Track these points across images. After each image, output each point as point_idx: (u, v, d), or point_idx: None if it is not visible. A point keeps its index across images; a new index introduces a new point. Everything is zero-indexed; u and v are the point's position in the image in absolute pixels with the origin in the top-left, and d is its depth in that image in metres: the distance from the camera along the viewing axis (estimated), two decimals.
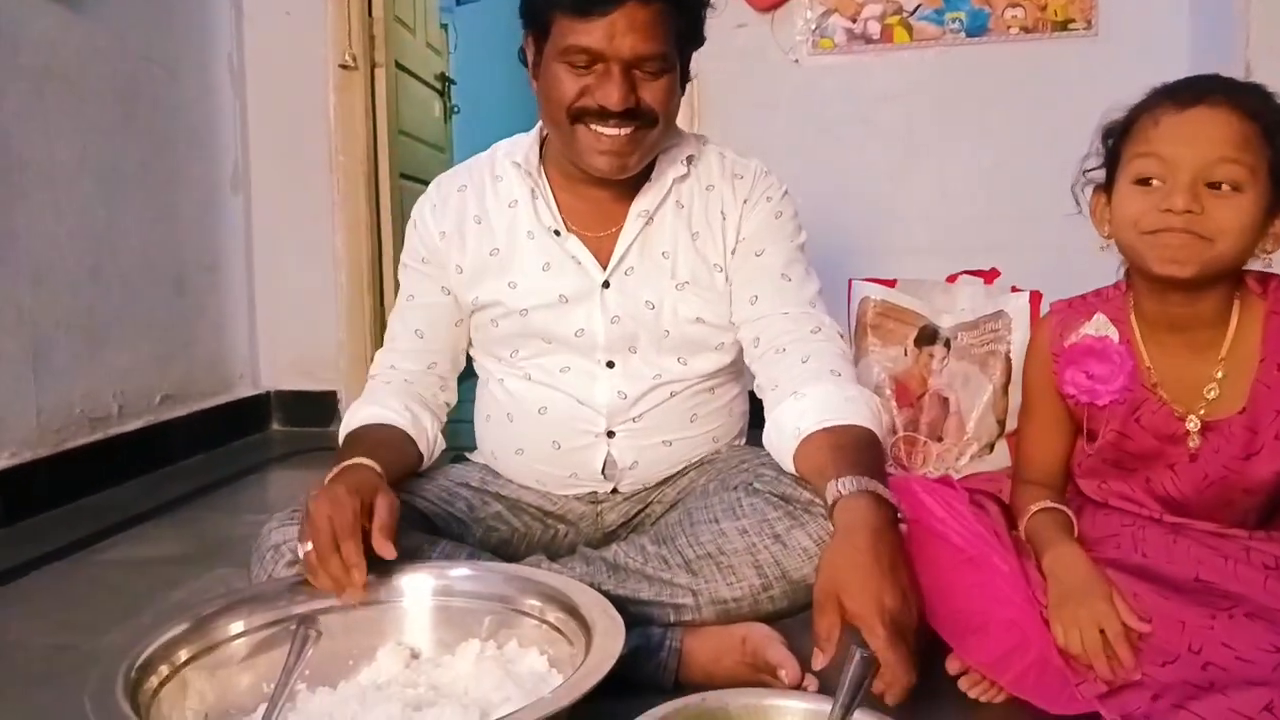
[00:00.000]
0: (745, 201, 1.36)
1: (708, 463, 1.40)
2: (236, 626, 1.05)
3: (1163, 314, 1.14)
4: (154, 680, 0.94)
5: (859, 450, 1.13)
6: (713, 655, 1.16)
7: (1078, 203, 1.19)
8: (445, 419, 1.44)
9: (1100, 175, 1.16)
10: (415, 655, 1.11)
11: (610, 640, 0.94)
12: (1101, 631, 1.04)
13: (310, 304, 3.15)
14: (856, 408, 1.18)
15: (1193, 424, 1.13)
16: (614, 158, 1.24)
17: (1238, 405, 1.11)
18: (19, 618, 1.57)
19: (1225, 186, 1.03)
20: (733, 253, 1.36)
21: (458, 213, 1.38)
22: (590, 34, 1.18)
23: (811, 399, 1.20)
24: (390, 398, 1.34)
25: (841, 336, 1.34)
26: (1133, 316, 1.17)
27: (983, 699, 1.14)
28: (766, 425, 1.26)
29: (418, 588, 1.13)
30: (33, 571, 1.78)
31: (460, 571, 1.15)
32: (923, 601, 1.04)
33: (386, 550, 1.06)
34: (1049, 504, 1.19)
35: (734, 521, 1.19)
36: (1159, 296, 1.13)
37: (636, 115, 1.22)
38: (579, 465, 1.38)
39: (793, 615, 1.20)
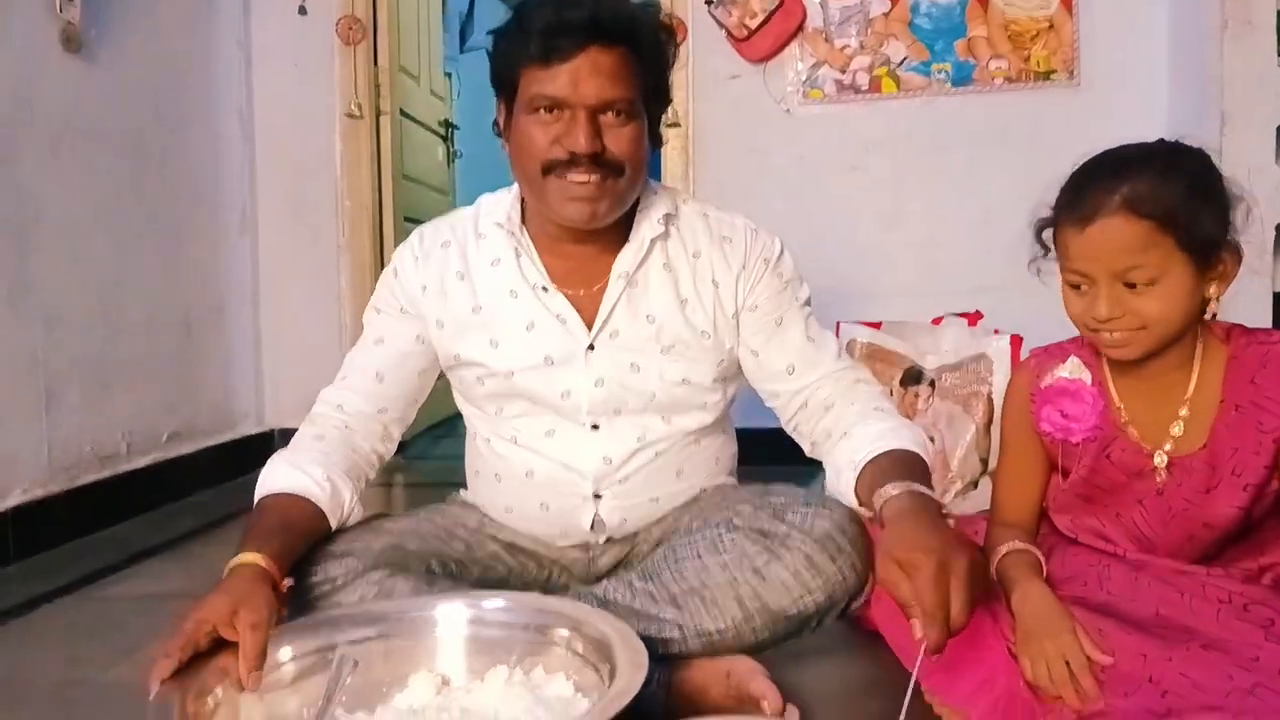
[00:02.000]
0: (743, 268, 1.38)
1: (690, 502, 1.42)
2: (285, 654, 1.10)
3: (1130, 363, 1.20)
4: (210, 703, 0.99)
5: (905, 466, 1.21)
6: (699, 687, 1.20)
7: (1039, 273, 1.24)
8: (373, 475, 1.42)
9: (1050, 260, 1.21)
10: (446, 682, 1.15)
11: (634, 669, 0.99)
12: (1067, 664, 1.09)
13: (315, 344, 3.21)
14: (900, 435, 1.27)
15: (1160, 460, 1.19)
16: (584, 204, 1.26)
17: (1200, 442, 1.17)
18: (29, 651, 1.61)
19: (1140, 284, 1.10)
20: (733, 316, 1.38)
21: (440, 267, 1.40)
22: (555, 81, 1.22)
23: (860, 434, 1.29)
24: (313, 464, 1.30)
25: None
26: (1104, 361, 1.23)
27: None
28: (827, 472, 1.32)
29: (451, 617, 1.18)
30: (43, 605, 1.82)
31: (492, 603, 1.20)
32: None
33: (249, 682, 1.03)
34: (1019, 545, 1.24)
35: (716, 557, 1.24)
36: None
37: (603, 163, 1.24)
38: (568, 525, 1.41)
39: (775, 646, 1.25)
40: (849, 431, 1.31)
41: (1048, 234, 1.20)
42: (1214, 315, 1.15)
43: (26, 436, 2.22)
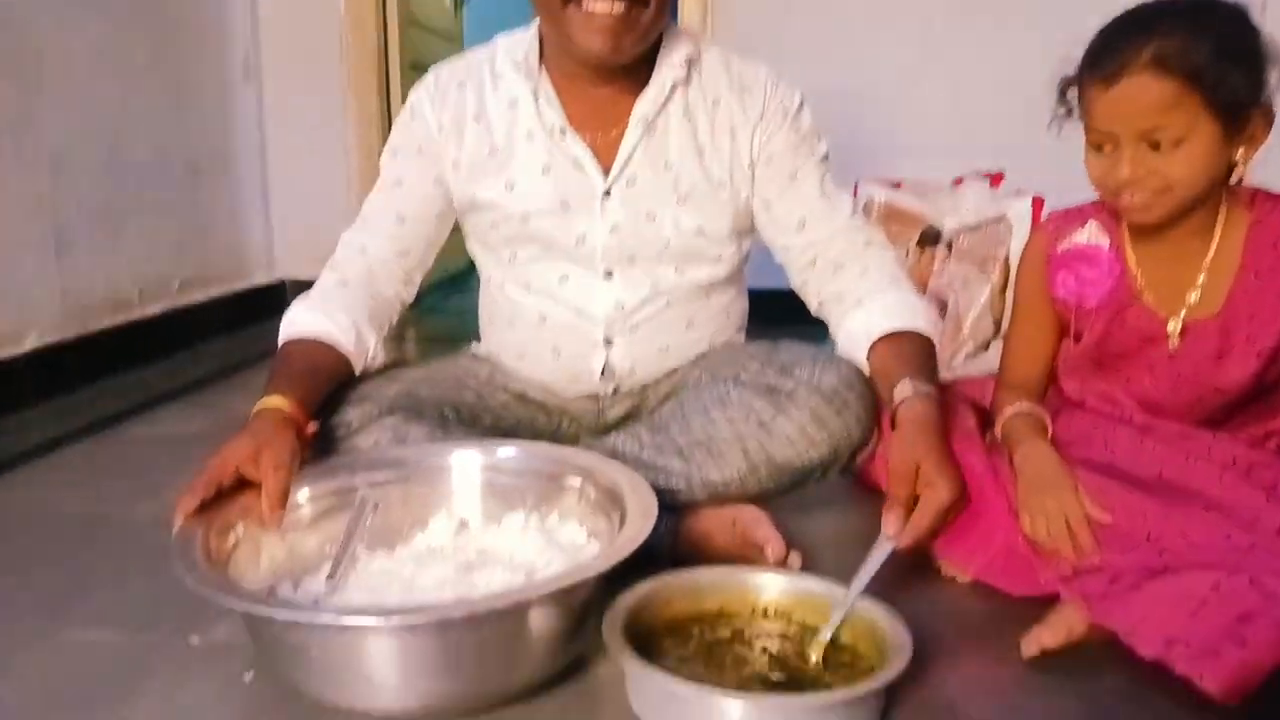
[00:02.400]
0: (760, 118, 1.35)
1: (700, 358, 1.43)
2: (304, 494, 1.13)
3: (1150, 228, 1.17)
4: (231, 539, 1.02)
5: (918, 356, 1.25)
6: (705, 534, 1.24)
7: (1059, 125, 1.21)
8: (395, 320, 1.43)
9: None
10: (464, 524, 1.19)
11: (644, 517, 1.02)
12: (1066, 520, 1.12)
13: (323, 193, 3.17)
14: (915, 315, 1.29)
15: (1173, 325, 1.18)
16: (607, 36, 1.21)
17: (1215, 308, 1.16)
18: (54, 489, 1.66)
19: (1165, 145, 1.07)
20: (749, 167, 1.35)
21: (456, 108, 1.37)
22: None
23: (878, 306, 1.30)
24: (339, 310, 1.29)
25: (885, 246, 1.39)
26: (1124, 225, 1.21)
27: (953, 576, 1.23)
28: (839, 337, 1.34)
29: (466, 463, 1.21)
30: (63, 447, 1.86)
31: (506, 451, 1.23)
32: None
33: (272, 520, 1.06)
34: (1025, 407, 1.25)
35: (723, 411, 1.25)
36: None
37: None
38: (579, 371, 1.42)
39: (780, 496, 1.28)
40: (863, 300, 1.31)
41: (1073, 93, 1.16)
42: (1240, 180, 1.12)
43: (39, 281, 2.22)
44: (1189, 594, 0.99)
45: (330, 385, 1.27)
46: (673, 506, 1.24)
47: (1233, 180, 1.12)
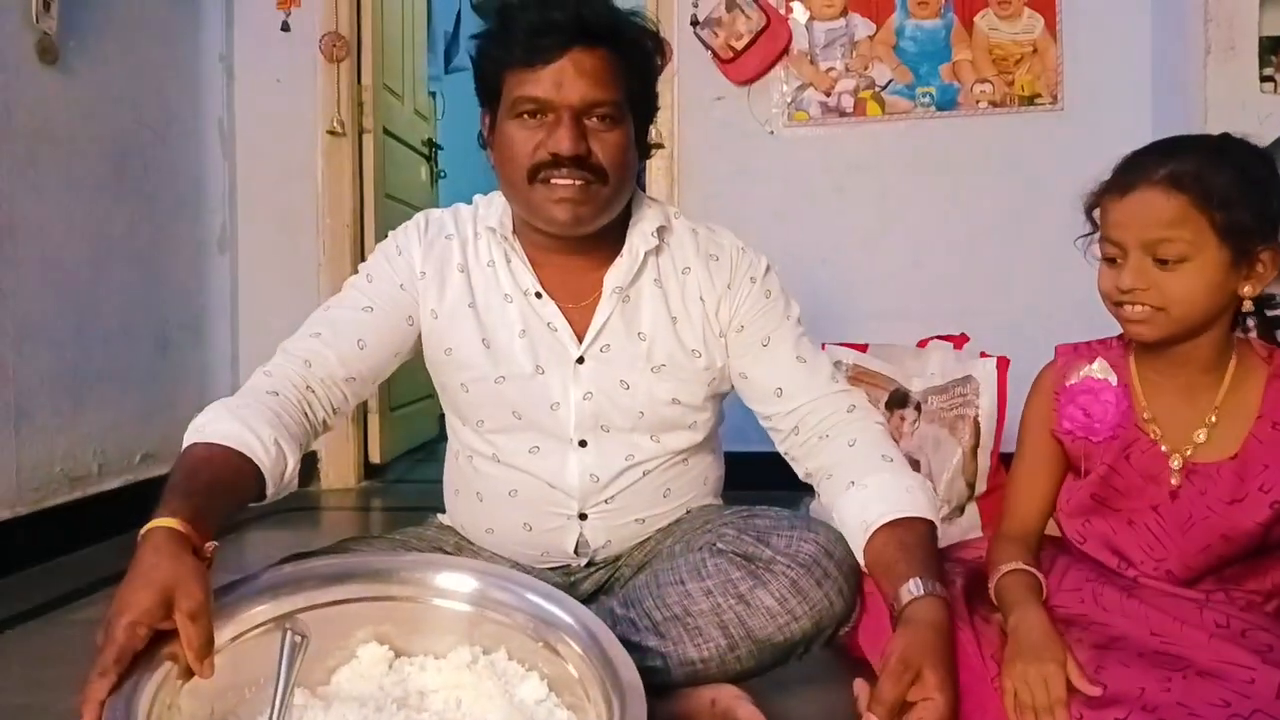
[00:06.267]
0: (728, 286, 1.35)
1: (674, 524, 1.40)
2: (225, 635, 1.01)
3: (1160, 354, 1.19)
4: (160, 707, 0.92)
5: (923, 548, 1.19)
6: (683, 716, 1.17)
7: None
8: (310, 446, 1.32)
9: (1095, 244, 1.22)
10: (398, 655, 1.11)
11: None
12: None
13: None
14: (915, 499, 1.23)
15: (1175, 463, 1.18)
16: (569, 206, 1.23)
17: (1228, 451, 1.16)
18: None
19: (1170, 261, 1.09)
20: (720, 336, 1.36)
21: (442, 257, 1.36)
22: (539, 84, 1.21)
23: (873, 490, 1.24)
24: (262, 422, 1.18)
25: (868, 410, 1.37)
26: (1131, 361, 1.22)
27: None
28: (833, 515, 1.28)
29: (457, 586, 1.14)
30: (5, 631, 1.78)
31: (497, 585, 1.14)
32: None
33: (204, 672, 0.96)
34: (1020, 565, 1.22)
35: (699, 582, 1.21)
36: (1148, 348, 1.20)
37: (588, 167, 1.22)
38: (550, 546, 1.38)
39: (760, 675, 1.22)
40: (856, 481, 1.26)
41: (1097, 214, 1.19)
42: (1247, 320, 1.15)
43: None
44: None
45: (234, 507, 1.14)
46: (648, 688, 1.17)
47: (1244, 313, 1.14)
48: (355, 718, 1.01)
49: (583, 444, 1.34)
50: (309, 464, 3.13)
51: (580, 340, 1.33)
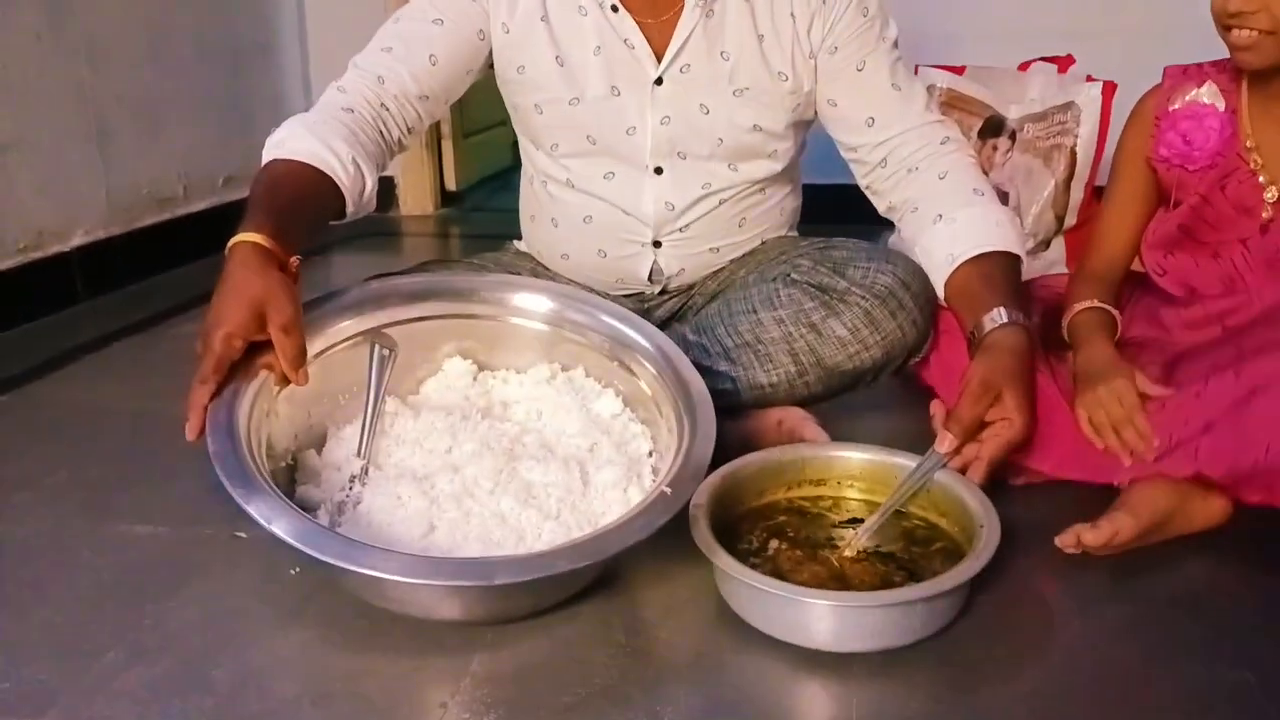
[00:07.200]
0: (823, 2, 1.25)
1: (748, 255, 1.38)
2: (314, 348, 1.04)
3: (1272, 81, 1.15)
4: (259, 419, 0.98)
5: (1009, 280, 1.17)
6: (751, 434, 1.21)
7: None
8: (387, 167, 1.29)
9: None
10: (481, 369, 1.17)
11: (705, 440, 1.00)
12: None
13: None
14: (1005, 233, 1.20)
15: (1270, 195, 1.16)
16: None
17: None
18: (104, 385, 1.69)
19: None
20: (810, 58, 1.27)
21: None
22: None
23: (962, 224, 1.21)
24: (339, 139, 1.15)
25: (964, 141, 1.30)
26: (1244, 86, 1.18)
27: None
28: (916, 250, 1.25)
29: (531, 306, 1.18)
30: (114, 343, 1.89)
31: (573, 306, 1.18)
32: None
33: (299, 379, 0.99)
34: (1095, 303, 1.21)
35: (771, 311, 1.21)
36: (1262, 75, 1.15)
37: None
38: (624, 273, 1.37)
39: (828, 399, 1.25)
40: (945, 215, 1.22)
41: None
42: None
43: (84, 176, 2.21)
44: None
45: (317, 222, 1.14)
46: (718, 409, 1.21)
47: None
48: (443, 425, 1.06)
49: (659, 171, 1.30)
50: (386, 190, 3.14)
51: (659, 59, 1.26)
